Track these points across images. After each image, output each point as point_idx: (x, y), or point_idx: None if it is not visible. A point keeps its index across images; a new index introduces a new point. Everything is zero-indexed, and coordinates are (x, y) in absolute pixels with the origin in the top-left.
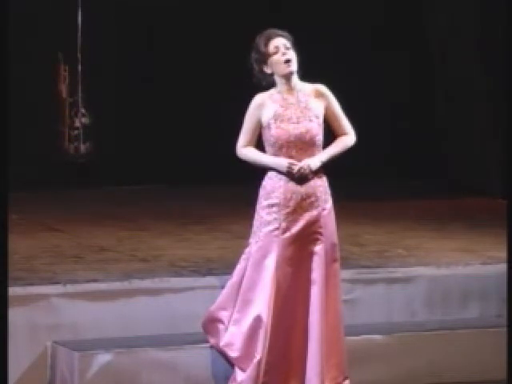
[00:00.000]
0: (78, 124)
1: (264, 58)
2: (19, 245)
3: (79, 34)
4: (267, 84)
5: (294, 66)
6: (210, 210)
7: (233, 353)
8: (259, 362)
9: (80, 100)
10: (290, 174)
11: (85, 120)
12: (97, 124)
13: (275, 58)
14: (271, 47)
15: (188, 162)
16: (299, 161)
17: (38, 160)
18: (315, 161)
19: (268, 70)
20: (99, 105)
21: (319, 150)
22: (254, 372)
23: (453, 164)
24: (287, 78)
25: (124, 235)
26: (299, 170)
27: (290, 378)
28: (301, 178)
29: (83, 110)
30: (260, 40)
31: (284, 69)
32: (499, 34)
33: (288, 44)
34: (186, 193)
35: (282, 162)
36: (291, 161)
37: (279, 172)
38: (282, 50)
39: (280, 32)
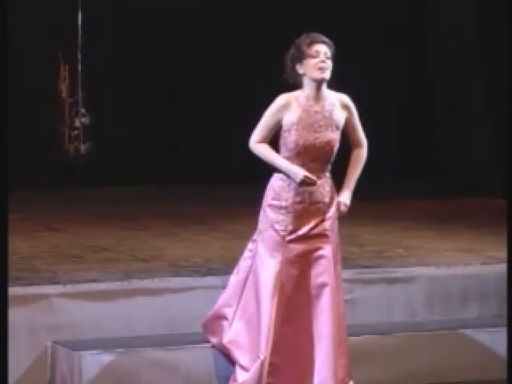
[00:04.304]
0: (78, 124)
1: (301, 57)
2: (19, 245)
3: (79, 34)
4: (294, 83)
5: (327, 75)
6: (210, 210)
7: (236, 350)
8: (263, 363)
9: (80, 100)
10: (301, 184)
11: (85, 120)
12: (97, 124)
13: (312, 61)
14: (313, 50)
15: (188, 162)
16: (310, 168)
17: (38, 160)
18: (348, 195)
19: (300, 70)
20: (99, 105)
21: (332, 158)
22: (258, 373)
23: (453, 164)
24: (318, 83)
25: (124, 235)
26: (342, 213)
27: (299, 380)
28: (308, 184)
29: (83, 110)
30: (304, 39)
31: (317, 74)
32: (499, 35)
33: (329, 53)
34: (186, 193)
35: (298, 172)
36: (308, 174)
37: (289, 176)
38: (321, 57)
39: (325, 39)
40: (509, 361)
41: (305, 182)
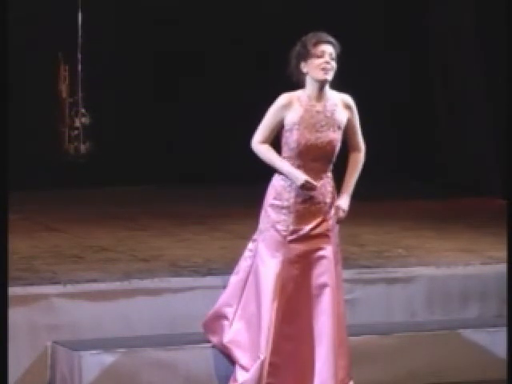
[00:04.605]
0: (78, 124)
1: (306, 56)
2: (19, 245)
3: (79, 33)
4: (296, 81)
5: (330, 76)
6: (210, 210)
7: (236, 350)
8: (263, 363)
9: (80, 100)
10: (302, 188)
11: (85, 120)
12: (97, 124)
13: (317, 61)
14: (318, 50)
15: (188, 162)
16: (312, 168)
17: (38, 160)
18: (346, 200)
19: (304, 69)
20: (99, 105)
21: (334, 158)
22: (258, 373)
23: (453, 164)
24: (320, 83)
25: (124, 235)
26: (340, 218)
27: (299, 380)
28: (308, 189)
29: (83, 110)
30: (311, 38)
31: (320, 74)
32: (499, 34)
33: (334, 54)
34: (186, 193)
35: (299, 176)
36: (309, 179)
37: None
38: (326, 58)
39: (332, 39)
40: (509, 361)
41: (305, 187)
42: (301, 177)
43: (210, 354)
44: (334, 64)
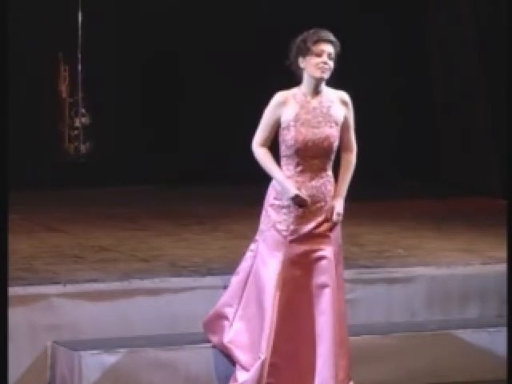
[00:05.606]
0: (78, 124)
1: (305, 52)
2: (19, 245)
3: (79, 33)
4: (294, 72)
5: (326, 75)
6: (210, 209)
7: (237, 350)
8: (263, 363)
9: (80, 100)
10: (292, 202)
11: (85, 120)
12: (97, 124)
13: (315, 60)
14: (318, 49)
15: (188, 161)
16: (312, 165)
17: (38, 160)
18: (340, 203)
19: (302, 64)
20: (99, 105)
21: (333, 156)
22: (258, 373)
23: (453, 164)
24: (316, 81)
25: (124, 235)
26: (335, 221)
27: (300, 381)
28: (301, 205)
29: (83, 110)
30: (312, 35)
31: (317, 73)
32: (499, 34)
33: (333, 54)
34: (186, 193)
35: (291, 190)
36: (299, 193)
37: (290, 175)
38: (324, 58)
39: (333, 38)
40: (509, 361)
41: (295, 201)
42: (292, 191)
43: (210, 354)
44: (331, 64)
